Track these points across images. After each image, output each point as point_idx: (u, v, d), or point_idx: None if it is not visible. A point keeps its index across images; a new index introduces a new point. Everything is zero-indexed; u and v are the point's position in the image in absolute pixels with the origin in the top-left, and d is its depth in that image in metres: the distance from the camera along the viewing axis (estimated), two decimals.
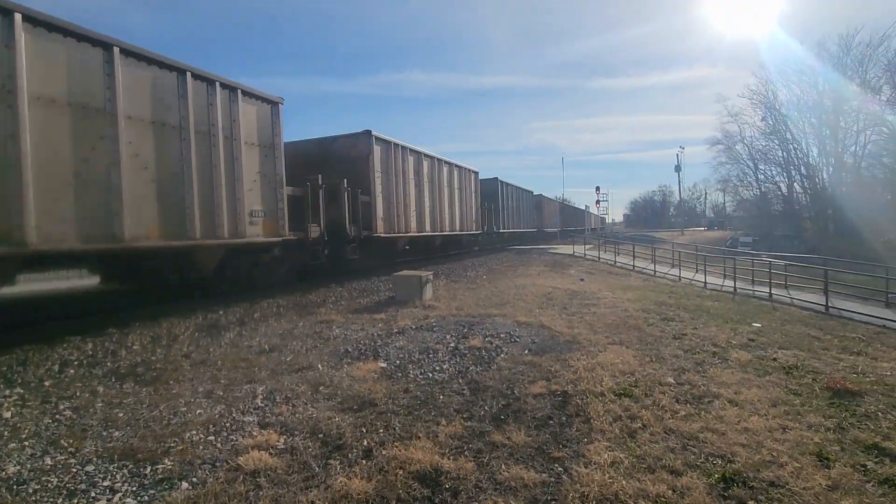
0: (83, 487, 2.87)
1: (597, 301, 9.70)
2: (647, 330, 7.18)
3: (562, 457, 3.28)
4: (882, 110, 33.11)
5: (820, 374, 5.26)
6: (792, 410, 4.19)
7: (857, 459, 3.34)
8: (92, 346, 5.89)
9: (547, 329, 6.95)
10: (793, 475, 3.06)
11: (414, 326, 7.10)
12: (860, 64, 34.39)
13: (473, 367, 5.26)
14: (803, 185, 40.13)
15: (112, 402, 4.25)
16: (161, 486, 2.90)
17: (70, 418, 3.90)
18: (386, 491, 2.82)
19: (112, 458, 3.21)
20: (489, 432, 3.64)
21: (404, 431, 3.65)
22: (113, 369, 5.15)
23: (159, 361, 5.45)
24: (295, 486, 2.89)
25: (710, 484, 2.96)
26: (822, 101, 36.59)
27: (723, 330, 7.49)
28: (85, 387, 4.61)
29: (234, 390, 4.54)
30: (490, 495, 2.82)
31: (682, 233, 53.26)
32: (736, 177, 46.91)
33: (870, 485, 3.01)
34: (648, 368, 5.25)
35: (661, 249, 20.55)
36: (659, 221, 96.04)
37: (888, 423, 4.02)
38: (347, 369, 5.14)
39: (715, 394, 4.51)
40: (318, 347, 6.07)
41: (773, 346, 6.55)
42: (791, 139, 39.42)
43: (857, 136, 35.87)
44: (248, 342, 6.28)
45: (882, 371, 5.59)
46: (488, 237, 25.58)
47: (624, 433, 3.65)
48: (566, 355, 5.62)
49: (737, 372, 5.26)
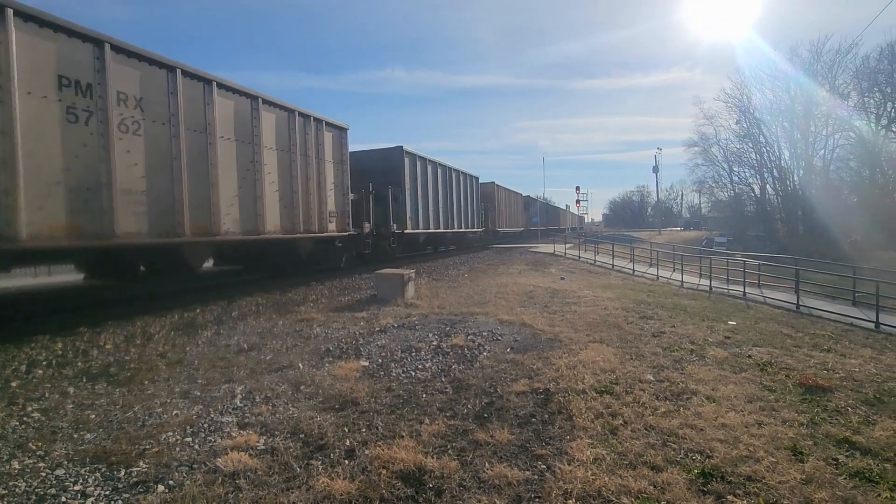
0: (53, 492, 2.76)
1: (577, 299, 9.80)
2: (626, 328, 7.28)
3: (545, 454, 3.29)
4: (849, 116, 34.23)
5: (792, 371, 5.41)
6: (767, 406, 4.30)
7: (829, 453, 3.44)
8: (62, 345, 5.69)
9: (529, 327, 6.99)
10: (769, 469, 3.14)
11: (396, 325, 7.06)
12: (830, 70, 35.47)
13: (456, 365, 5.26)
14: (775, 187, 41.22)
15: (83, 403, 4.11)
16: (136, 490, 2.81)
17: (39, 420, 3.75)
18: (369, 491, 2.79)
19: (84, 462, 3.10)
20: (473, 431, 3.63)
21: (387, 431, 3.62)
22: (84, 369, 4.99)
23: (133, 361, 5.30)
24: (276, 487, 2.84)
25: (690, 479, 3.01)
26: (793, 105, 37.61)
27: (700, 328, 7.65)
28: (54, 388, 4.45)
29: (212, 390, 4.44)
30: (474, 494, 2.81)
31: (659, 233, 54.17)
32: (711, 178, 47.94)
33: (842, 478, 3.10)
34: (629, 366, 5.32)
35: (640, 249, 20.86)
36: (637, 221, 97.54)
37: (857, 417, 4.16)
38: (329, 368, 5.08)
39: (693, 390, 4.60)
40: (298, 346, 5.99)
41: (748, 344, 6.72)
42: (764, 142, 40.46)
43: (827, 140, 37.03)
44: (226, 341, 6.15)
45: (850, 367, 5.78)
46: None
47: (606, 430, 3.68)
48: (548, 353, 5.66)
49: (714, 369, 5.37)
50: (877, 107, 33.13)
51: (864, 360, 6.21)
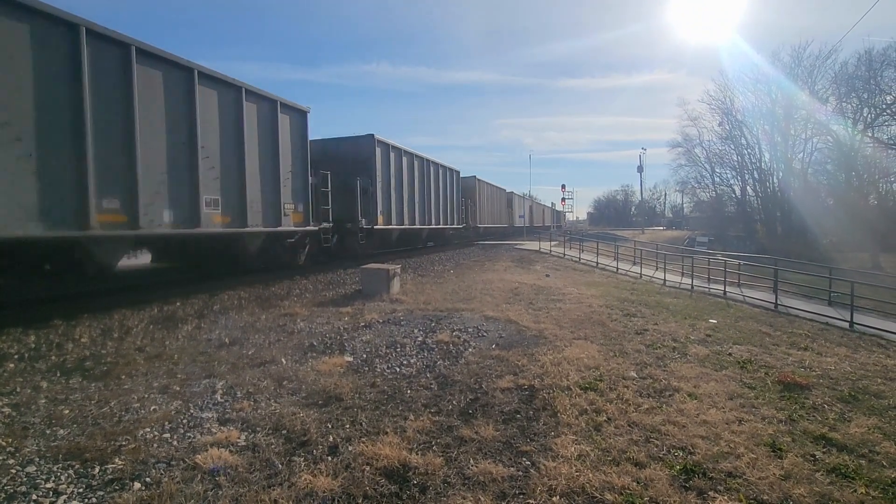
0: (24, 490, 2.67)
1: (562, 297, 9.86)
2: (610, 325, 7.34)
3: (529, 450, 3.29)
4: (828, 120, 35.08)
5: (771, 369, 5.50)
6: (747, 403, 4.36)
7: (807, 450, 3.51)
8: (35, 338, 5.52)
9: (514, 324, 7.00)
10: (749, 465, 3.18)
11: (381, 320, 7.01)
12: (810, 75, 36.29)
13: (441, 361, 5.23)
14: (755, 189, 42.13)
15: (57, 398, 3.99)
16: (111, 487, 2.73)
17: (9, 416, 3.63)
18: (352, 488, 2.76)
19: (56, 458, 3.00)
20: (457, 427, 3.61)
21: (371, 427, 3.58)
22: (58, 363, 4.84)
23: (110, 355, 5.16)
24: (257, 484, 2.78)
25: (673, 475, 3.03)
26: (774, 108, 38.41)
27: (682, 326, 7.75)
28: (26, 382, 4.31)
29: (192, 385, 4.35)
30: (459, 490, 2.79)
31: (642, 232, 54.90)
32: (694, 179, 48.81)
33: (819, 474, 3.16)
34: (612, 363, 5.36)
35: (624, 247, 21.10)
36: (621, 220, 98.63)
37: (834, 414, 4.25)
38: (312, 363, 5.01)
39: (675, 387, 4.65)
40: (281, 341, 5.90)
41: (729, 342, 6.82)
42: (746, 144, 41.29)
43: (805, 143, 37.93)
44: (207, 335, 6.03)
45: (827, 366, 5.91)
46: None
47: (590, 426, 3.70)
48: (533, 350, 5.67)
49: (695, 366, 5.44)
50: (854, 111, 34.01)
51: (840, 359, 6.35)
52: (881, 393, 4.91)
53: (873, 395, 4.83)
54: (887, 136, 33.59)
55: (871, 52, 32.49)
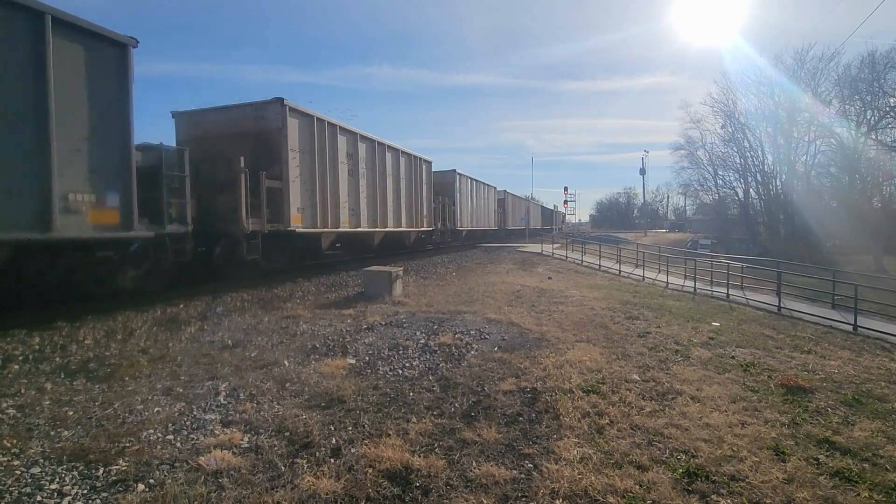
0: (28, 491, 2.68)
1: (564, 299, 9.85)
2: (613, 328, 7.33)
3: (532, 453, 3.29)
4: (831, 122, 34.97)
5: (774, 372, 5.49)
6: (750, 406, 4.36)
7: (810, 453, 3.50)
8: (39, 340, 5.54)
9: (516, 326, 7.00)
10: (752, 469, 3.18)
11: (383, 322, 7.02)
12: (813, 77, 36.16)
13: (444, 363, 5.24)
14: (758, 191, 41.94)
15: (61, 399, 4.01)
16: (115, 489, 2.74)
17: (14, 417, 3.64)
18: (355, 490, 2.76)
19: (61, 460, 3.02)
20: (460, 429, 3.62)
21: (374, 429, 3.58)
22: (62, 365, 4.86)
23: (114, 357, 5.18)
24: (260, 486, 2.79)
25: (675, 478, 3.03)
26: (777, 111, 38.27)
27: (684, 328, 7.74)
28: (31, 383, 4.33)
29: (195, 387, 4.36)
30: (461, 493, 2.80)
31: (645, 234, 54.80)
32: (697, 181, 48.61)
33: (822, 477, 3.15)
34: (615, 366, 5.35)
35: (626, 250, 21.07)
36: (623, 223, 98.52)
37: (837, 418, 4.24)
38: (315, 365, 5.02)
39: (678, 390, 4.64)
40: (284, 343, 5.92)
41: (732, 345, 6.81)
42: (748, 147, 41.13)
43: (809, 145, 37.78)
44: (210, 337, 6.05)
45: (830, 369, 5.89)
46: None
47: (592, 429, 3.70)
48: (535, 352, 5.67)
49: (698, 369, 5.43)
50: (857, 114, 33.87)
51: (843, 362, 6.34)
52: (885, 396, 4.90)
53: (877, 399, 4.82)
54: (891, 138, 33.44)
55: (874, 55, 32.40)
